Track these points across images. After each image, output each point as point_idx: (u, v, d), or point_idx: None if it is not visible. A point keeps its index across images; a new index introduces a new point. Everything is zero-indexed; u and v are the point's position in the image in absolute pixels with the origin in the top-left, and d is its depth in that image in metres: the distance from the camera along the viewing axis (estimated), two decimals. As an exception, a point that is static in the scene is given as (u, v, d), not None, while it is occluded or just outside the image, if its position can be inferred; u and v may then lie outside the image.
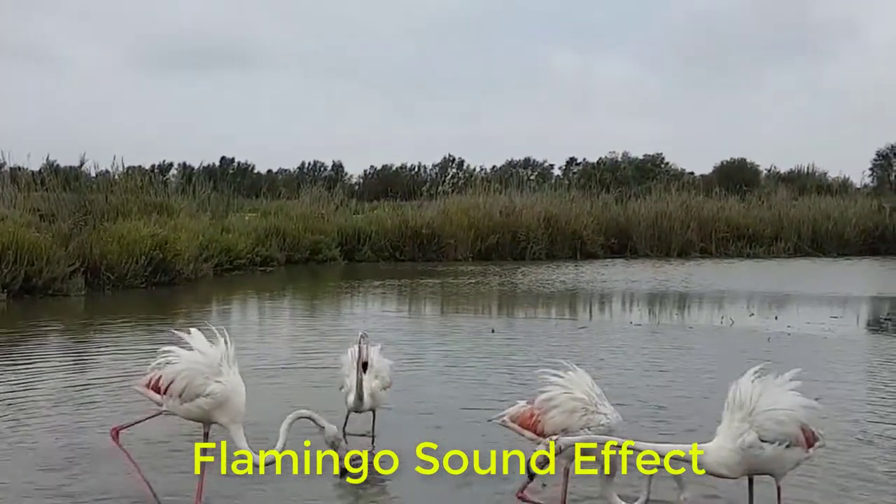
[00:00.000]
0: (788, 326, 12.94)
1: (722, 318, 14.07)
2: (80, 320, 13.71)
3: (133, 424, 5.44)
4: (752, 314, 14.87)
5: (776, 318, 14.22)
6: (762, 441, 4.31)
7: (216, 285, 19.05)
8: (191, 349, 5.13)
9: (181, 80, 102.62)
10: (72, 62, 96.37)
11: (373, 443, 6.64)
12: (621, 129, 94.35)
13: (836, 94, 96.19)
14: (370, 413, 6.66)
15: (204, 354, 5.07)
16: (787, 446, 4.36)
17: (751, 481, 4.60)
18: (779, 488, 4.49)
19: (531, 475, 4.37)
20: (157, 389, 5.15)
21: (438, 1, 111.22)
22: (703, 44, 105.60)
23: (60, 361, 10.05)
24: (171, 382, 5.04)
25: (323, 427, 4.94)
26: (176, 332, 5.33)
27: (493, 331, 12.39)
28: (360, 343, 6.17)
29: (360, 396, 6.29)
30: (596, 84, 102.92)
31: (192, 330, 5.25)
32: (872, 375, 9.70)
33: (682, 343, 11.60)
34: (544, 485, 5.43)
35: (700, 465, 4.38)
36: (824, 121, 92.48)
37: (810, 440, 4.49)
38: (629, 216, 31.87)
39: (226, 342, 5.10)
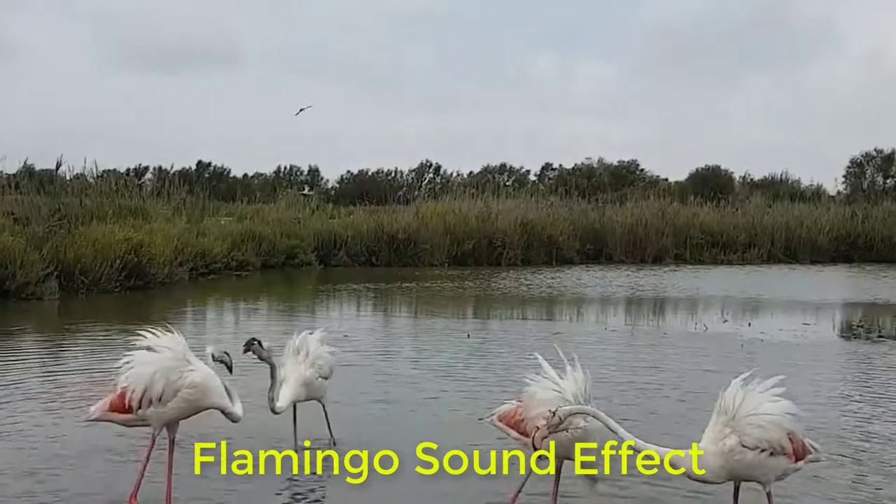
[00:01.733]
0: (762, 333, 13.08)
1: (696, 324, 14.21)
2: (53, 324, 13.61)
3: (140, 481, 5.05)
4: (726, 320, 15.00)
5: (749, 324, 14.38)
6: (743, 446, 4.36)
7: (191, 290, 18.95)
8: (150, 350, 5.05)
9: (157, 82, 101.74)
10: (46, 62, 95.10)
11: (332, 439, 6.53)
12: (597, 134, 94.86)
13: (811, 101, 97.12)
14: (321, 408, 6.47)
15: (168, 349, 5.02)
16: (771, 454, 4.40)
17: (737, 488, 4.64)
18: (768, 495, 4.50)
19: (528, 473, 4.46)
20: (123, 408, 4.94)
21: (416, 2, 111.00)
22: (679, 48, 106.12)
23: (32, 365, 9.96)
24: (146, 390, 4.90)
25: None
26: (129, 340, 5.24)
27: (468, 335, 12.43)
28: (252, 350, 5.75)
29: (271, 399, 5.85)
30: (572, 88, 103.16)
31: (143, 332, 5.15)
32: (845, 381, 9.83)
33: (657, 348, 11.71)
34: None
35: (687, 470, 4.41)
36: (798, 128, 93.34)
37: (799, 451, 4.49)
38: (605, 222, 32.02)
39: (179, 334, 5.11)
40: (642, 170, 66.14)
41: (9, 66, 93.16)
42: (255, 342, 5.68)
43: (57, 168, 25.85)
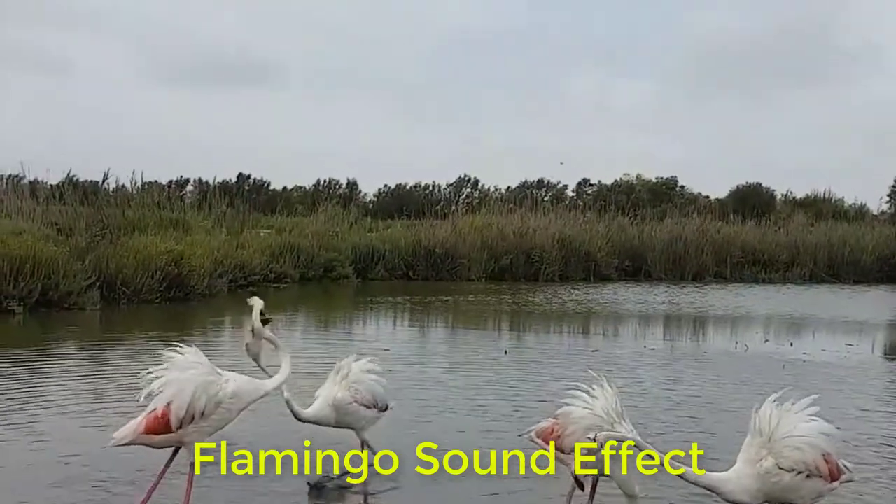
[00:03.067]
0: (804, 353, 12.87)
1: (736, 343, 14.01)
2: (95, 334, 13.77)
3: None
4: (767, 340, 14.79)
5: (791, 344, 14.15)
6: (780, 468, 4.29)
7: (230, 301, 19.09)
8: (180, 368, 5.05)
9: (199, 96, 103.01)
10: (92, 76, 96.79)
11: (367, 476, 6.09)
12: (636, 151, 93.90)
13: (855, 120, 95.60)
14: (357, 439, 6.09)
15: (197, 364, 5.07)
16: (807, 476, 4.32)
17: None
18: None
19: (578, 482, 4.51)
20: (162, 428, 4.90)
21: (454, 20, 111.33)
22: (720, 66, 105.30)
23: (74, 375, 10.10)
24: (189, 407, 4.88)
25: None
26: (153, 362, 5.27)
27: (505, 351, 12.37)
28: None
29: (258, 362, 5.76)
30: (611, 105, 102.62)
31: (167, 352, 5.16)
32: (889, 403, 9.63)
33: (696, 368, 11.54)
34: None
35: (722, 494, 4.37)
36: (841, 146, 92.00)
37: (834, 472, 4.43)
38: (644, 239, 31.82)
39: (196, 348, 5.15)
40: (682, 186, 65.63)
41: (55, 81, 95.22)
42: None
43: (103, 181, 26.39)
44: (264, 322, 5.81)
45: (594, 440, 4.39)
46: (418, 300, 20.68)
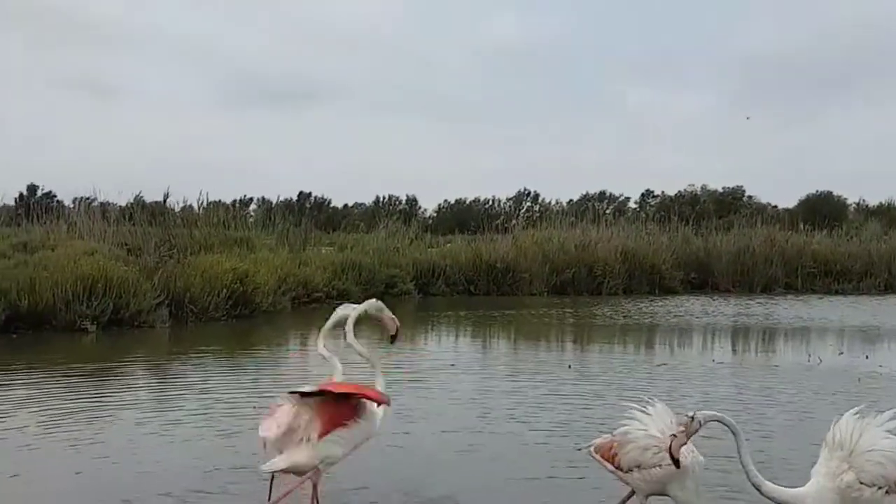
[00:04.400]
0: (880, 366, 12.48)
1: (809, 356, 13.63)
2: (164, 351, 14.01)
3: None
4: (841, 353, 14.38)
5: (867, 357, 13.74)
6: (861, 483, 4.17)
7: (294, 318, 19.28)
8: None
9: (260, 118, 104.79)
10: (157, 99, 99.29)
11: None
12: (699, 162, 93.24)
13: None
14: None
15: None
16: (887, 491, 4.18)
17: None
18: None
19: (674, 460, 4.51)
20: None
21: (512, 33, 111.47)
22: (785, 75, 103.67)
23: (148, 393, 10.28)
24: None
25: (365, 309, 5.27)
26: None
27: (569, 366, 12.23)
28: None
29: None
30: (673, 116, 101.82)
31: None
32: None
33: (767, 383, 11.25)
34: None
35: None
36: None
37: None
38: (710, 250, 31.27)
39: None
40: (749, 197, 64.52)
41: (120, 105, 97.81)
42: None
43: (164, 200, 26.93)
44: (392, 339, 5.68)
45: (692, 417, 4.43)
46: (480, 315, 20.63)
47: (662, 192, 68.44)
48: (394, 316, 5.32)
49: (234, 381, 10.92)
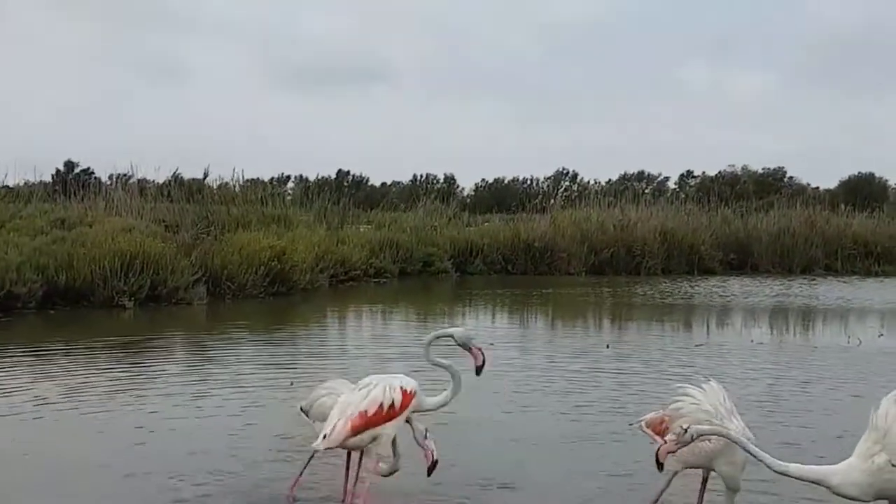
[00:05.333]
0: (922, 348, 12.26)
1: (849, 337, 13.41)
2: (202, 328, 14.16)
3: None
4: (882, 335, 14.14)
5: (908, 339, 13.52)
6: (893, 465, 4.09)
7: (331, 296, 19.38)
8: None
9: (298, 96, 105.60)
10: (198, 77, 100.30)
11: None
12: (742, 142, 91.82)
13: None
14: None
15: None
16: None
17: None
18: None
19: (658, 462, 4.47)
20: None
21: (557, 11, 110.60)
22: (832, 56, 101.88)
23: (184, 368, 10.40)
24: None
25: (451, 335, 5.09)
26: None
27: (607, 346, 12.17)
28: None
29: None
30: (717, 96, 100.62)
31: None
32: None
33: (806, 364, 11.10)
34: None
35: (829, 486, 4.21)
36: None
37: None
38: (749, 231, 30.93)
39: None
40: (790, 177, 63.59)
41: (164, 80, 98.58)
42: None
43: (204, 178, 27.14)
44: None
45: (685, 430, 4.32)
46: (518, 294, 20.59)
47: (703, 172, 67.70)
48: (481, 347, 5.23)
49: (269, 357, 11.02)
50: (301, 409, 5.52)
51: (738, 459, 4.66)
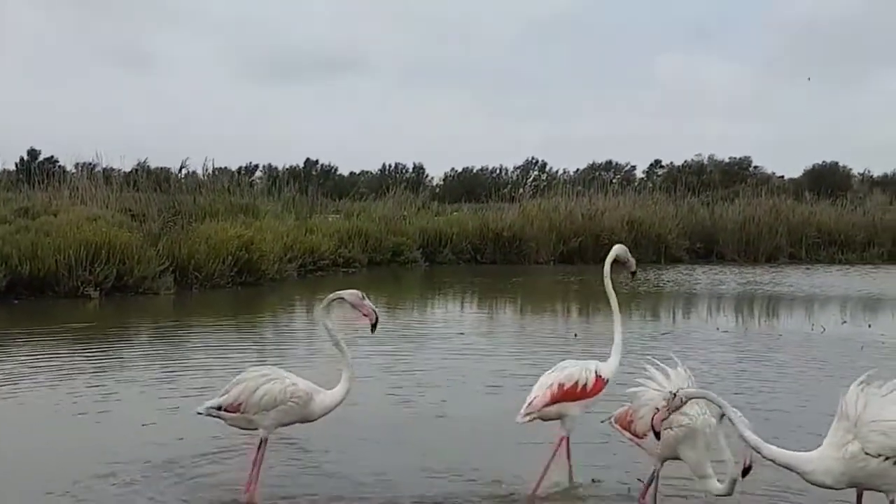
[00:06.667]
0: (882, 335, 12.48)
1: (812, 325, 13.63)
2: (169, 318, 14.05)
3: None
4: (845, 322, 14.38)
5: (869, 325, 13.74)
6: (866, 454, 4.16)
7: (300, 286, 19.32)
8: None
9: (267, 85, 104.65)
10: (167, 65, 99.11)
11: None
12: (710, 132, 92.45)
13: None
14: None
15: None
16: (895, 462, 4.18)
17: (859, 495, 4.44)
18: (892, 502, 4.27)
19: (655, 432, 4.58)
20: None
21: (527, 1, 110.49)
22: (799, 47, 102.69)
23: (149, 359, 10.33)
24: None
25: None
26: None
27: (575, 335, 12.25)
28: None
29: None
30: (685, 86, 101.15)
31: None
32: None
33: (771, 351, 11.27)
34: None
35: (802, 473, 4.28)
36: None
37: None
38: (715, 220, 31.22)
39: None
40: (756, 167, 64.22)
41: (129, 73, 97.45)
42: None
43: (180, 169, 26.94)
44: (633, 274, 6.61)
45: (674, 394, 4.45)
46: (487, 283, 20.64)
47: (670, 162, 68.12)
48: (374, 307, 5.49)
49: (236, 347, 10.98)
50: (217, 408, 5.40)
51: (700, 445, 4.74)
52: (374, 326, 5.54)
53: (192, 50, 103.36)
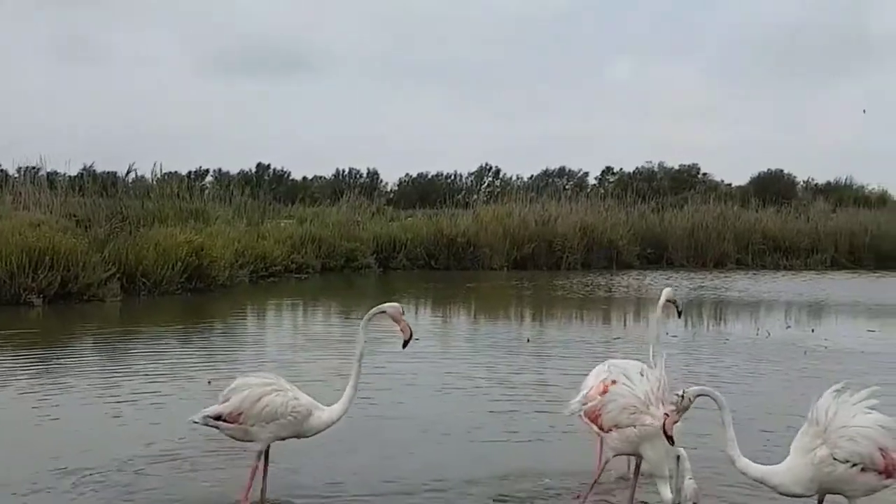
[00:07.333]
0: (825, 339, 12.72)
1: (758, 330, 13.87)
2: (114, 326, 13.78)
3: None
4: (789, 326, 14.66)
5: (813, 330, 14.02)
6: (834, 459, 4.24)
7: (251, 292, 19.15)
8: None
9: (218, 86, 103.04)
10: (116, 62, 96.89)
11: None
12: (660, 139, 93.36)
13: (877, 107, 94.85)
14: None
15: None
16: (862, 469, 4.27)
17: (820, 501, 4.53)
18: None
19: (668, 438, 4.57)
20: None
21: (480, 7, 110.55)
22: (748, 55, 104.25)
23: (92, 367, 10.15)
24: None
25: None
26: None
27: (528, 340, 12.32)
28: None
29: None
30: (637, 92, 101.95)
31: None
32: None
33: (718, 355, 11.43)
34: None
35: (773, 486, 4.36)
36: (863, 133, 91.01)
37: (890, 467, 4.33)
38: (665, 226, 31.68)
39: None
40: (704, 174, 65.17)
41: (75, 70, 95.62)
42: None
43: (127, 173, 26.51)
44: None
45: (682, 395, 4.48)
46: (441, 288, 20.66)
47: (621, 168, 68.84)
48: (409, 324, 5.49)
49: (185, 355, 10.84)
50: (215, 417, 5.26)
51: (660, 445, 4.77)
52: (405, 343, 5.50)
53: (142, 46, 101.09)
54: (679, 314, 7.19)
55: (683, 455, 4.56)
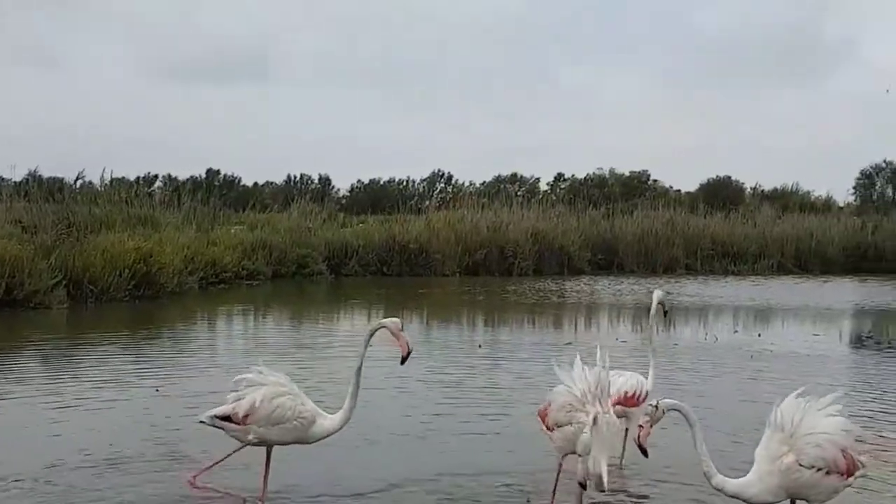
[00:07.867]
0: (772, 343, 12.98)
1: (706, 334, 14.10)
2: (60, 334, 13.56)
3: None
4: (737, 331, 14.93)
5: (759, 335, 14.29)
6: (801, 465, 4.32)
7: (201, 299, 18.95)
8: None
9: (166, 91, 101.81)
10: (64, 66, 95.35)
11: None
12: (611, 145, 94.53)
13: (822, 114, 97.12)
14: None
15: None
16: (826, 472, 4.36)
17: None
18: None
19: (642, 450, 4.64)
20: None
21: (434, 12, 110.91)
22: (697, 61, 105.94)
23: (36, 375, 9.96)
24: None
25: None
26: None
27: (479, 346, 12.36)
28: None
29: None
30: (588, 100, 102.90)
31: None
32: (851, 392, 9.71)
33: (667, 360, 11.56)
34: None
35: (747, 498, 4.42)
36: (809, 140, 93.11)
37: (851, 468, 4.44)
38: (616, 232, 32.01)
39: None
40: (654, 180, 66.04)
41: (32, 73, 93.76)
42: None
43: (76, 180, 26.09)
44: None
45: (656, 406, 4.56)
46: (393, 295, 20.63)
47: (573, 174, 69.45)
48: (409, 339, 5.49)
49: (130, 361, 10.69)
50: (223, 417, 5.22)
51: (596, 443, 4.78)
52: (404, 359, 5.46)
53: (92, 50, 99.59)
54: (665, 314, 7.50)
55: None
